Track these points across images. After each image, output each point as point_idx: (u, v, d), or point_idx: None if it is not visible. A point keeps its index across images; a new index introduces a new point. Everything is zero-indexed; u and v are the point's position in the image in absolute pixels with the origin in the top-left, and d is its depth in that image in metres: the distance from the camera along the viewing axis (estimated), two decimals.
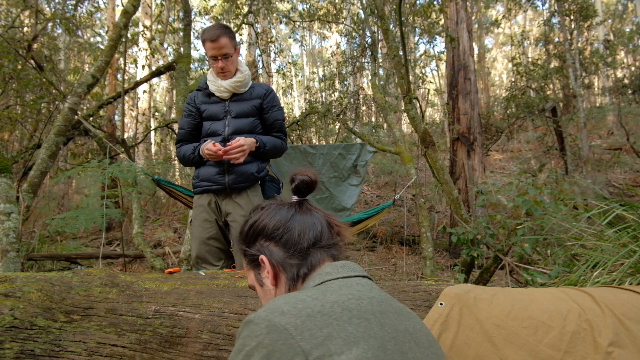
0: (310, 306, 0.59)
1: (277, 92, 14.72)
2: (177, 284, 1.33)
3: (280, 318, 0.57)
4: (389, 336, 0.59)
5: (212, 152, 1.91)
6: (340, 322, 0.57)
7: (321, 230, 0.76)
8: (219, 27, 1.96)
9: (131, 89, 6.30)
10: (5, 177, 2.56)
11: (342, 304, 0.61)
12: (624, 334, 0.83)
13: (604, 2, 15.75)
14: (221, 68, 1.97)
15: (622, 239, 1.64)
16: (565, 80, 8.42)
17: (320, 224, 0.77)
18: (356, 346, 0.55)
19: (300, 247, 0.74)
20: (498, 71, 23.59)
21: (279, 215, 0.78)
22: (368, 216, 3.64)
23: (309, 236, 0.75)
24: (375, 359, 0.54)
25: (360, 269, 0.74)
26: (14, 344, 1.11)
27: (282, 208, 0.79)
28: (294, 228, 0.75)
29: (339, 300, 0.61)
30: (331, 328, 0.56)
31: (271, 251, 0.77)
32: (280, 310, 0.58)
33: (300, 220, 0.77)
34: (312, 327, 0.56)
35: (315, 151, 3.74)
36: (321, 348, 0.54)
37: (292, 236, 0.75)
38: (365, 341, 0.56)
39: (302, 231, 0.75)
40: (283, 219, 0.77)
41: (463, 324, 0.93)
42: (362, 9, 7.65)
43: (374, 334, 0.58)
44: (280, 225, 0.76)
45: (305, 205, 0.81)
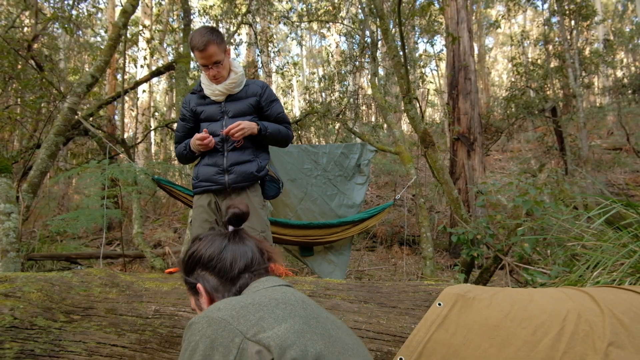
0: (242, 301, 0.71)
1: (277, 92, 14.72)
2: (177, 284, 1.34)
3: (217, 313, 0.67)
4: (311, 315, 0.71)
5: (200, 140, 1.91)
6: (270, 307, 0.69)
7: (252, 257, 0.85)
8: (205, 33, 1.88)
9: (131, 88, 6.30)
10: (5, 177, 2.56)
11: (269, 296, 0.73)
12: (624, 334, 0.83)
13: (603, 2, 15.75)
14: (213, 76, 1.96)
15: (622, 239, 1.65)
16: (565, 80, 8.42)
17: (252, 252, 0.86)
18: (284, 322, 0.66)
19: (232, 274, 0.83)
20: (498, 71, 23.59)
21: (214, 246, 0.86)
22: (369, 216, 3.64)
23: (240, 264, 0.84)
24: (300, 331, 0.66)
25: (282, 282, 0.84)
26: (14, 343, 1.11)
27: (216, 239, 0.87)
28: (226, 258, 0.84)
29: (266, 294, 0.74)
30: (262, 312, 0.68)
31: (206, 279, 0.85)
32: (217, 307, 0.69)
33: (233, 249, 0.85)
34: (246, 313, 0.67)
35: (317, 150, 3.75)
36: (256, 327, 0.65)
37: (224, 265, 0.84)
38: (292, 318, 0.68)
39: (234, 260, 0.84)
40: (217, 250, 0.85)
41: (461, 324, 0.93)
42: (361, 9, 7.65)
43: (299, 314, 0.70)
44: (215, 256, 0.84)
45: (239, 234, 0.89)
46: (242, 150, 2.02)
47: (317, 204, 3.68)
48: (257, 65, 9.91)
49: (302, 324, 0.68)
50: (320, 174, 3.72)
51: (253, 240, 0.89)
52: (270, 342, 0.63)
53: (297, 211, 3.58)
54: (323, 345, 0.67)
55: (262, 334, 0.64)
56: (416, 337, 0.95)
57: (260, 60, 9.59)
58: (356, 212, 3.84)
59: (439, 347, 0.91)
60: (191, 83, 5.08)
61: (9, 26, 5.62)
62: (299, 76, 17.60)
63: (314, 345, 0.66)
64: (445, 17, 6.98)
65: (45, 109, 6.09)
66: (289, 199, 3.54)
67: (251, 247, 0.87)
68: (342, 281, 1.31)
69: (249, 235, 0.91)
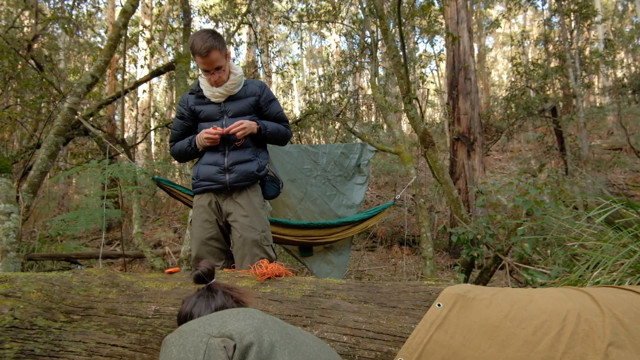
0: (206, 316, 0.85)
1: (277, 92, 14.72)
2: (177, 284, 1.34)
3: (185, 327, 0.81)
4: (270, 319, 0.84)
5: (211, 135, 1.92)
6: (232, 314, 0.82)
7: (215, 308, 0.97)
8: (207, 38, 1.85)
9: (131, 88, 6.30)
10: (5, 177, 2.56)
11: (228, 310, 0.87)
12: (623, 334, 0.83)
13: (603, 2, 15.74)
14: (215, 81, 1.96)
15: (622, 239, 1.65)
16: (565, 80, 8.42)
17: (220, 301, 0.99)
18: (244, 321, 0.79)
19: None
20: (498, 71, 23.59)
21: (188, 305, 1.00)
22: (369, 216, 3.64)
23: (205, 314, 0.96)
24: (258, 326, 0.78)
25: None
26: (14, 344, 1.11)
27: (192, 298, 1.01)
28: (194, 313, 0.97)
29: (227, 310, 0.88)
30: (225, 317, 0.81)
31: None
32: (186, 324, 0.83)
33: (200, 305, 0.99)
34: (211, 320, 0.80)
35: (317, 150, 3.75)
36: (219, 327, 0.77)
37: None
38: (251, 320, 0.80)
39: (200, 314, 0.96)
40: (189, 308, 0.99)
41: (461, 325, 0.93)
42: (361, 9, 7.64)
43: (258, 317, 0.82)
44: (187, 314, 0.99)
45: (210, 289, 1.02)
46: (243, 149, 2.02)
47: (317, 204, 3.68)
48: (257, 65, 9.91)
49: (260, 323, 0.80)
50: (320, 174, 3.72)
51: (221, 291, 1.02)
52: (231, 332, 0.75)
53: (297, 211, 3.58)
54: (279, 337, 0.79)
55: (224, 329, 0.77)
56: (416, 338, 0.95)
57: (260, 60, 9.59)
58: (356, 212, 3.84)
59: (438, 348, 0.91)
60: (191, 83, 5.08)
61: (9, 26, 5.62)
62: (299, 76, 17.59)
63: (269, 336, 0.77)
64: (445, 17, 6.98)
65: (45, 109, 6.09)
66: (289, 199, 3.54)
67: (219, 297, 1.00)
68: (342, 281, 1.31)
69: (221, 285, 1.04)
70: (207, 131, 1.94)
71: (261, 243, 1.96)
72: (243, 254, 1.95)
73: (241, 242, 1.95)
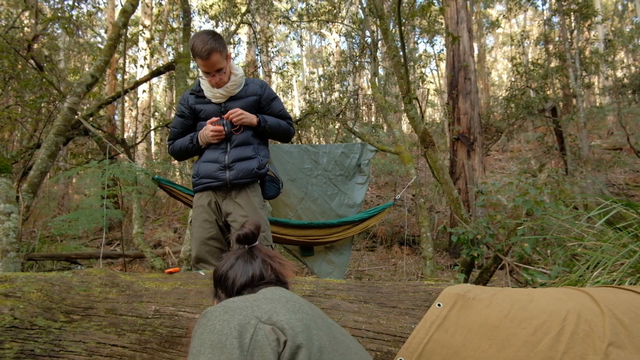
0: (254, 296, 0.79)
1: (277, 92, 14.72)
2: (177, 284, 1.34)
3: (232, 303, 0.75)
4: (318, 315, 0.78)
5: (217, 132, 1.93)
6: (280, 302, 0.76)
7: (252, 275, 0.90)
8: (207, 40, 1.83)
9: (131, 88, 6.30)
10: (5, 177, 2.56)
11: (278, 294, 0.80)
12: (624, 334, 0.83)
13: (603, 2, 15.74)
14: (216, 83, 1.96)
15: (623, 239, 1.65)
16: (565, 80, 8.42)
17: (257, 269, 0.91)
18: (294, 314, 0.73)
19: (233, 290, 0.90)
20: (498, 71, 23.58)
21: (225, 265, 0.94)
22: (369, 216, 3.64)
23: (240, 281, 0.90)
24: (308, 325, 0.72)
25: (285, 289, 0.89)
26: (14, 344, 1.11)
27: (230, 258, 0.95)
28: (229, 277, 0.91)
29: (275, 293, 0.81)
30: (274, 304, 0.75)
31: (220, 297, 0.94)
32: (232, 300, 0.77)
33: (237, 268, 0.92)
34: (259, 304, 0.75)
35: (317, 150, 3.75)
36: (269, 313, 0.72)
37: (228, 284, 0.91)
38: (301, 313, 0.74)
39: (235, 278, 0.90)
40: (225, 269, 0.93)
41: (461, 325, 0.93)
42: (361, 9, 7.64)
43: (306, 312, 0.76)
44: (222, 275, 0.92)
45: (250, 252, 0.95)
46: (244, 146, 2.02)
47: (318, 204, 3.68)
48: (257, 64, 9.91)
49: (309, 319, 0.74)
50: (321, 173, 3.72)
51: (262, 257, 0.94)
52: (284, 325, 0.69)
53: (298, 211, 3.58)
54: (327, 341, 0.73)
55: (275, 317, 0.71)
56: (416, 338, 0.95)
57: (260, 59, 9.59)
58: (356, 211, 3.84)
59: (438, 348, 0.91)
60: (191, 83, 5.08)
61: (9, 26, 5.62)
62: (299, 76, 17.59)
63: (319, 339, 0.71)
64: (445, 17, 6.98)
65: (45, 108, 6.09)
66: (289, 199, 3.54)
67: (257, 264, 0.92)
68: (342, 281, 1.31)
69: (262, 251, 0.96)
70: (213, 129, 1.94)
71: (260, 243, 1.96)
72: None
73: None
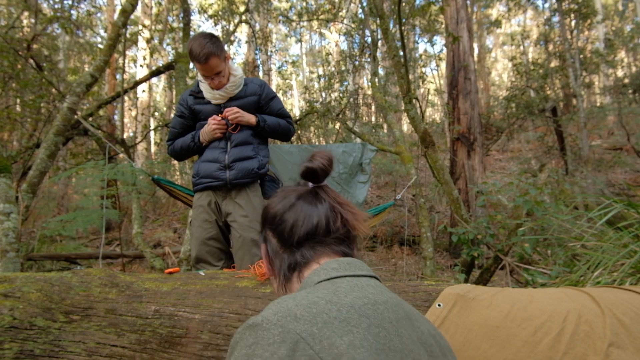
0: (326, 311, 0.53)
1: (277, 92, 14.72)
2: (177, 284, 1.33)
3: (294, 324, 0.50)
4: (407, 349, 0.55)
5: (220, 123, 1.94)
6: (360, 330, 0.52)
7: (317, 223, 0.68)
8: (205, 44, 1.81)
9: (131, 88, 6.30)
10: (5, 177, 2.56)
11: (358, 309, 0.55)
12: (624, 335, 0.83)
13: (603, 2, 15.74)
14: (215, 85, 1.96)
15: (623, 239, 1.64)
16: (566, 80, 8.42)
17: (323, 216, 0.69)
18: (378, 357, 0.50)
19: (290, 240, 0.69)
20: (498, 71, 23.59)
21: (282, 203, 0.72)
22: (370, 216, 3.64)
23: (301, 230, 0.69)
24: None
25: (367, 269, 0.67)
26: (13, 344, 1.11)
27: (289, 196, 0.73)
28: (287, 220, 0.70)
29: (354, 304, 0.56)
30: (352, 336, 0.51)
31: (270, 240, 0.75)
32: (293, 314, 0.52)
33: (299, 211, 0.70)
34: (331, 335, 0.50)
35: (318, 149, 3.76)
36: (344, 358, 0.48)
37: (285, 228, 0.70)
38: (386, 354, 0.51)
39: (295, 224, 0.69)
40: (282, 208, 0.72)
41: (461, 325, 0.92)
42: (361, 8, 7.64)
43: (394, 347, 0.53)
44: (278, 216, 0.72)
45: (316, 193, 0.73)
46: (244, 146, 2.02)
47: None
48: (256, 64, 9.91)
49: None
50: None
51: (330, 202, 0.71)
52: None
53: None
54: None
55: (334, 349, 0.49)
56: None
57: (259, 59, 9.59)
58: None
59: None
60: (191, 83, 5.07)
61: (9, 26, 5.62)
62: (299, 76, 17.59)
63: None
64: (445, 17, 6.98)
65: (45, 108, 6.09)
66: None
67: (324, 210, 0.70)
68: None
69: (330, 195, 0.73)
70: (215, 122, 1.95)
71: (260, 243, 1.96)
72: (242, 254, 1.95)
73: (240, 242, 1.95)
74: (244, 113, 1.98)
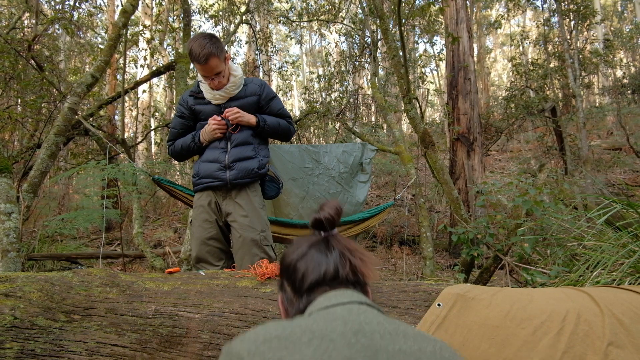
0: (270, 331, 0.57)
1: (277, 92, 14.72)
2: (177, 284, 1.34)
3: (238, 345, 0.57)
4: (360, 355, 0.53)
5: (220, 124, 1.95)
6: (297, 345, 0.54)
7: (325, 270, 0.72)
8: (205, 44, 1.81)
9: (131, 88, 6.30)
10: (6, 177, 2.56)
11: (305, 326, 0.57)
12: (623, 334, 0.83)
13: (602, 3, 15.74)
14: (215, 86, 1.96)
15: (622, 239, 1.65)
16: (565, 80, 8.42)
17: (332, 263, 0.73)
18: None
19: (302, 287, 0.73)
20: (498, 71, 23.60)
21: (295, 253, 0.76)
22: (369, 216, 3.64)
23: (310, 277, 0.72)
24: None
25: (359, 297, 0.68)
26: (14, 343, 1.11)
27: (302, 245, 0.77)
28: (299, 268, 0.74)
29: (304, 323, 0.58)
30: (285, 351, 0.53)
31: (285, 289, 0.78)
32: (243, 337, 0.59)
33: (309, 259, 0.74)
34: (265, 350, 0.54)
35: (318, 150, 3.75)
36: None
37: (297, 277, 0.74)
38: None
39: (306, 272, 0.73)
40: (295, 258, 0.76)
41: (461, 325, 0.93)
42: (361, 9, 7.65)
43: (337, 355, 0.52)
44: (291, 265, 0.76)
45: (327, 242, 0.77)
46: (244, 146, 2.03)
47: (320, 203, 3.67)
48: (256, 64, 9.92)
49: None
50: (323, 172, 3.72)
51: (340, 249, 0.75)
52: None
53: (299, 210, 3.58)
54: None
55: None
56: None
57: (260, 59, 9.60)
58: (359, 210, 3.85)
59: None
60: (191, 83, 5.08)
61: (10, 27, 5.62)
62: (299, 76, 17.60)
63: None
64: (445, 17, 6.98)
65: (46, 109, 6.09)
66: (291, 198, 3.54)
67: (333, 257, 0.73)
68: None
69: (341, 242, 0.77)
70: (215, 122, 1.95)
71: (261, 243, 1.96)
72: (243, 254, 1.95)
73: (241, 242, 1.96)
74: (244, 113, 1.98)
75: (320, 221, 0.77)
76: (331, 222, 0.77)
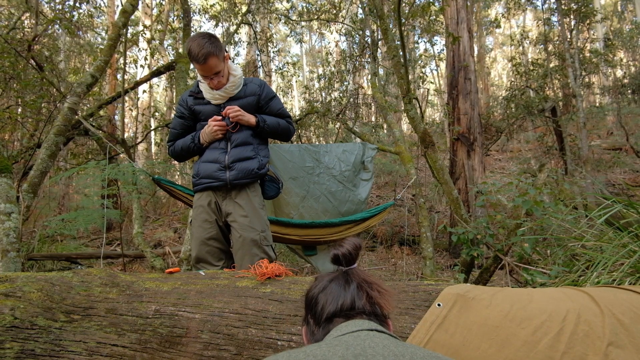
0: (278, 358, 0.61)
1: (277, 91, 14.72)
2: (177, 284, 1.34)
3: None
4: None
5: (220, 125, 1.95)
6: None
7: (342, 302, 0.76)
8: (204, 44, 1.80)
9: (131, 88, 6.30)
10: (6, 177, 2.56)
11: (309, 352, 0.60)
12: (623, 334, 0.83)
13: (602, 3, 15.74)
14: (214, 85, 1.96)
15: (622, 239, 1.65)
16: (565, 80, 8.42)
17: (349, 295, 0.78)
18: None
19: (321, 319, 0.77)
20: (498, 71, 23.59)
21: (317, 287, 0.82)
22: (370, 216, 3.64)
23: (329, 309, 0.77)
24: None
25: (370, 324, 0.72)
26: (14, 343, 1.11)
27: (323, 280, 0.83)
28: (319, 302, 0.79)
29: (309, 350, 0.61)
30: None
31: (309, 322, 0.83)
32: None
33: (329, 292, 0.79)
34: None
35: (318, 149, 3.75)
36: None
37: (317, 309, 0.79)
38: None
39: (325, 304, 0.78)
40: (317, 291, 0.81)
41: (461, 325, 0.93)
42: (361, 9, 7.64)
43: None
44: (313, 298, 0.81)
45: (346, 275, 0.82)
46: (244, 146, 2.03)
47: (320, 202, 3.67)
48: (257, 64, 9.92)
49: None
50: (323, 171, 3.72)
51: (357, 283, 0.80)
52: None
53: (300, 209, 3.58)
54: None
55: None
56: (415, 338, 0.96)
57: (260, 59, 9.60)
58: (361, 208, 3.85)
59: (438, 348, 0.91)
60: (191, 83, 5.08)
61: (10, 27, 5.62)
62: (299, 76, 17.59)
63: None
64: (445, 17, 6.98)
65: (46, 109, 6.09)
66: (291, 198, 3.55)
67: (351, 291, 0.78)
68: None
69: (360, 275, 0.82)
70: (216, 123, 1.95)
71: (261, 243, 1.96)
72: (243, 254, 1.95)
73: (240, 242, 1.96)
74: (244, 113, 1.98)
75: (338, 257, 0.82)
76: (348, 258, 0.82)
